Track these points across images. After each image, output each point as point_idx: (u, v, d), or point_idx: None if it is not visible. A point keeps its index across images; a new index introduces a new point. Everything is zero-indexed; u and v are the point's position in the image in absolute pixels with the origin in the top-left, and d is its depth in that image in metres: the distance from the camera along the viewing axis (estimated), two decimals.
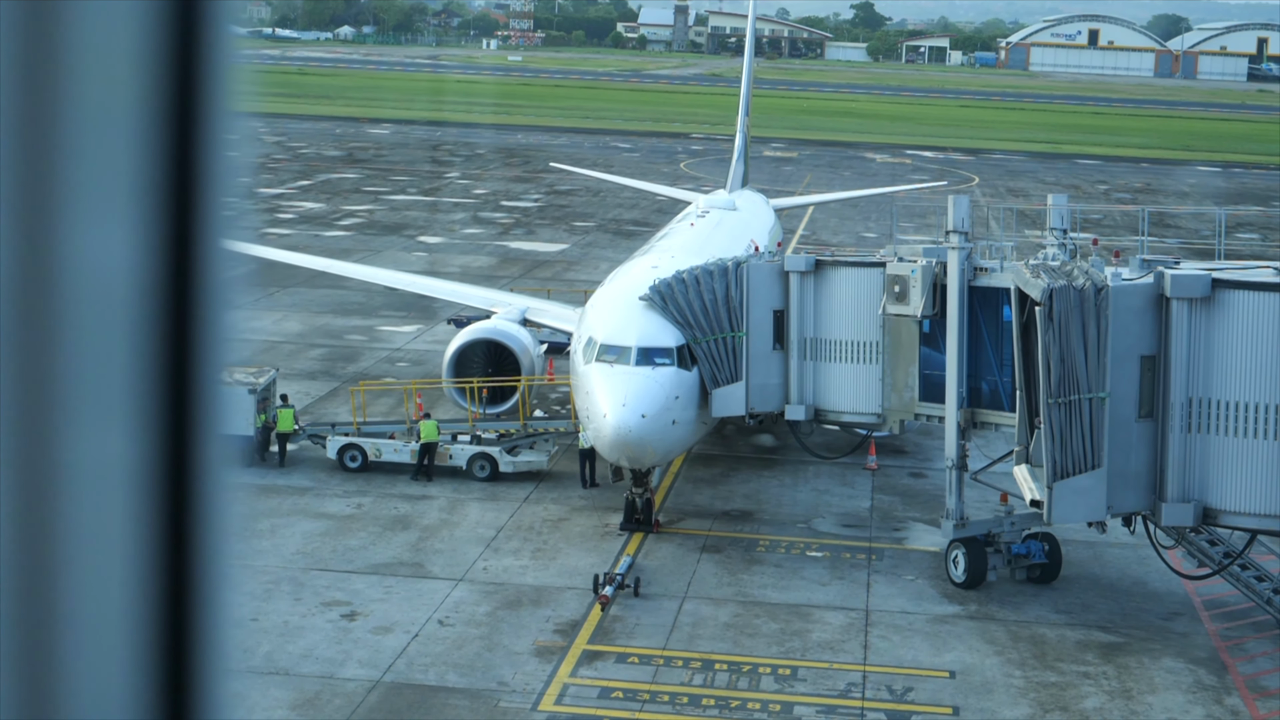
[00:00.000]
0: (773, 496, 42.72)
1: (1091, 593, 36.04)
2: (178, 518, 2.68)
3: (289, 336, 60.76)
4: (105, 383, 2.59)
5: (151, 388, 2.64)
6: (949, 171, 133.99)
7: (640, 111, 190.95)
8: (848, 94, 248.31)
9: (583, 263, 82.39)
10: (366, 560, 36.36)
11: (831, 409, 39.74)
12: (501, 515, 39.98)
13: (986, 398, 36.94)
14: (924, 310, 36.80)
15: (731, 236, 52.13)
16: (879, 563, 37.65)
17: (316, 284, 69.22)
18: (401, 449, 43.10)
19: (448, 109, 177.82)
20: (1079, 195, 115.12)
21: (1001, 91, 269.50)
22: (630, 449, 36.69)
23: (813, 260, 39.57)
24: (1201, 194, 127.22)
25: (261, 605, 33.17)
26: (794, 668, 31.15)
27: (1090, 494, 32.46)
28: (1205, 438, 32.30)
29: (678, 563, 37.04)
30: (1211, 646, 33.14)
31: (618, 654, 31.48)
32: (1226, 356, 32.03)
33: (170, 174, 2.62)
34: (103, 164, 2.56)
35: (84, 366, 2.56)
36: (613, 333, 38.36)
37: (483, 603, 33.94)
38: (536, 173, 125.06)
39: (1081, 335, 31.93)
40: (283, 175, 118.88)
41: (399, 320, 64.35)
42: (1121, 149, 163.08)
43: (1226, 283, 32.25)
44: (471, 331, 46.91)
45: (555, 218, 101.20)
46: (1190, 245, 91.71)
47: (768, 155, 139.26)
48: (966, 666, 31.51)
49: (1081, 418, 32.05)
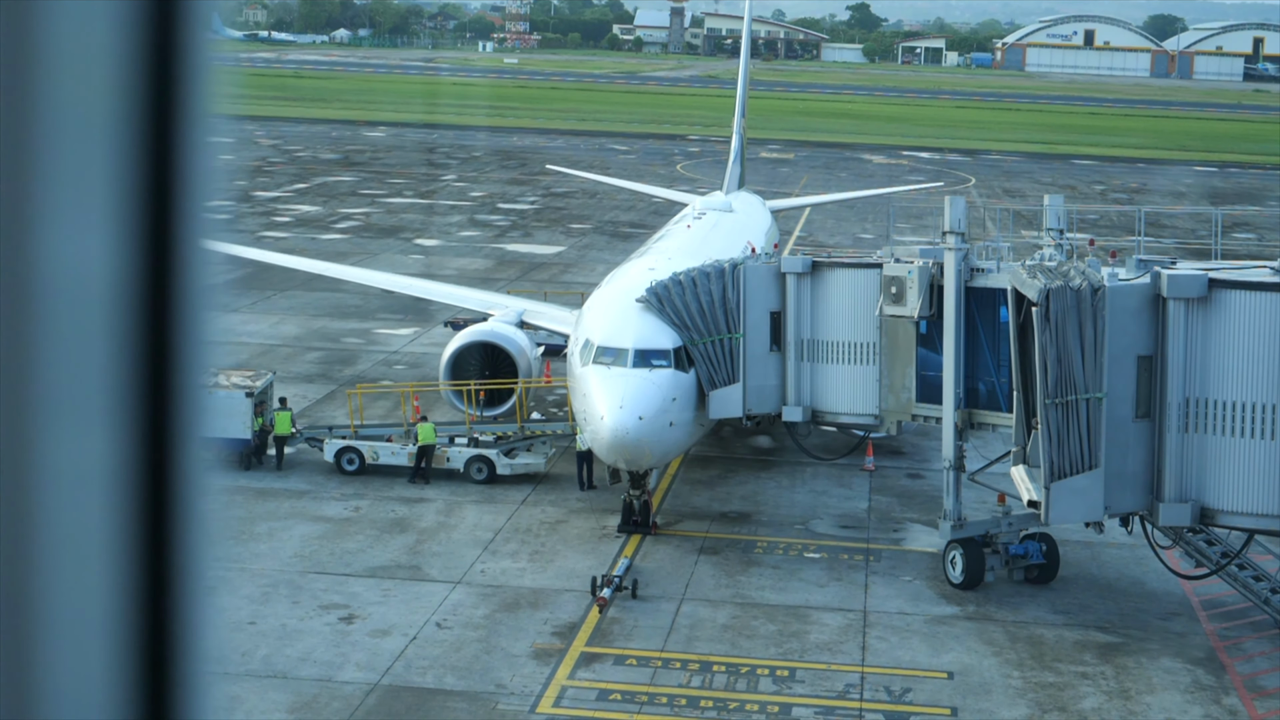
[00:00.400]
0: (770, 498, 42.71)
1: (1089, 593, 36.03)
2: (157, 520, 2.67)
3: (286, 339, 60.75)
4: (84, 385, 2.58)
5: (130, 390, 2.62)
6: (946, 172, 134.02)
7: (636, 113, 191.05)
8: (844, 95, 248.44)
9: (579, 265, 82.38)
10: (364, 563, 36.35)
11: (829, 410, 39.72)
12: (499, 518, 39.97)
13: (984, 398, 36.93)
14: (921, 311, 36.79)
15: (728, 238, 52.14)
16: (877, 564, 37.64)
17: (313, 287, 69.21)
18: (399, 452, 43.08)
19: (444, 112, 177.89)
20: (1075, 196, 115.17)
21: (998, 92, 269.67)
22: (628, 451, 36.69)
23: (809, 261, 39.55)
24: (1198, 194, 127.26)
25: (259, 608, 33.15)
26: (792, 669, 31.14)
27: (1087, 494, 32.46)
28: (1202, 438, 32.30)
29: (675, 564, 37.03)
30: (1209, 646, 33.14)
31: (616, 656, 31.47)
32: (1223, 356, 32.03)
33: (148, 176, 2.61)
34: (80, 166, 2.55)
35: (62, 369, 2.55)
36: (610, 335, 38.35)
37: (480, 605, 33.92)
38: (533, 175, 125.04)
39: (1078, 336, 31.93)
40: (279, 178, 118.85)
41: (396, 323, 64.34)
42: (1118, 149, 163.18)
43: (1223, 283, 32.25)
44: (468, 334, 46.90)
45: (552, 220, 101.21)
46: (1187, 245, 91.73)
47: (764, 156, 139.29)
48: (965, 667, 31.51)
49: (1079, 418, 32.05)
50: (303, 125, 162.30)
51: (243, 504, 40.33)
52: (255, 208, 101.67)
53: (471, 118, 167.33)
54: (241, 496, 40.92)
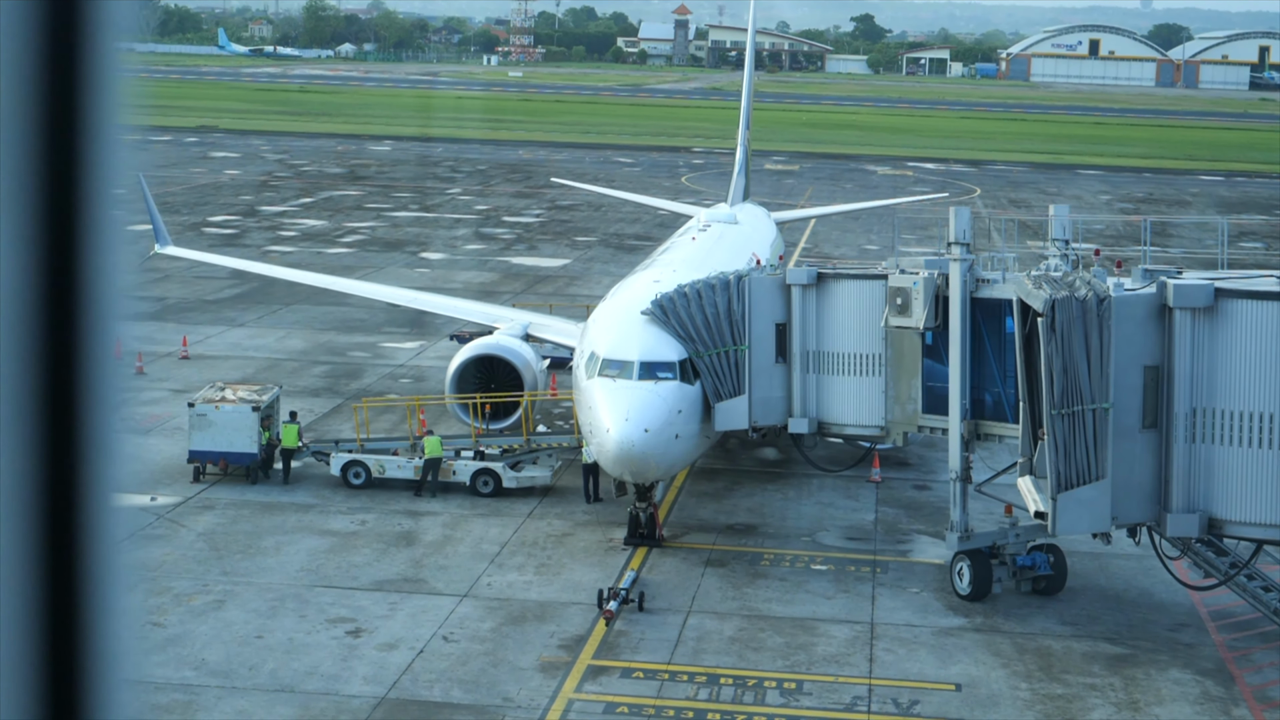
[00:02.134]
0: (777, 510, 42.66)
1: (1097, 604, 35.96)
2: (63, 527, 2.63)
3: (292, 353, 60.79)
4: None
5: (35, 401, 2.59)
6: (951, 183, 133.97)
7: (641, 126, 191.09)
8: (849, 106, 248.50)
9: (585, 277, 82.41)
10: (371, 577, 36.33)
11: (835, 422, 39.67)
12: (505, 531, 39.95)
13: (990, 409, 36.87)
14: (926, 322, 36.76)
15: (733, 250, 52.13)
16: (884, 575, 37.58)
17: (319, 301, 69.25)
18: (405, 465, 43.09)
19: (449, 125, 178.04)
20: (1081, 206, 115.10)
21: (1002, 102, 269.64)
22: (633, 464, 36.65)
23: (814, 273, 39.49)
24: (1204, 203, 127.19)
25: (266, 622, 33.14)
26: (799, 681, 31.08)
27: (1094, 505, 32.39)
28: (1209, 448, 32.23)
29: (682, 577, 36.99)
30: (1218, 657, 33.06)
31: (623, 669, 31.42)
32: (1230, 366, 31.97)
33: (53, 186, 2.58)
34: None
35: None
36: (615, 347, 38.33)
37: (487, 618, 33.89)
38: (538, 188, 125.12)
39: (1084, 346, 31.88)
40: (284, 193, 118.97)
41: (401, 337, 64.38)
42: (1123, 159, 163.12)
43: (1229, 292, 32.18)
44: (474, 347, 46.91)
45: (557, 233, 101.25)
46: (1193, 255, 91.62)
47: (769, 168, 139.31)
48: (972, 679, 31.44)
49: (1085, 429, 31.99)
50: (308, 140, 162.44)
51: (249, 518, 40.34)
52: (261, 222, 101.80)
53: (476, 131, 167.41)
54: (248, 510, 40.93)
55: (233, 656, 31.24)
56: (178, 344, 60.55)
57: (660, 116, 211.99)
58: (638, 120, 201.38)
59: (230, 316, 68.17)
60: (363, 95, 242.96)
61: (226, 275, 75.68)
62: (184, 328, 63.82)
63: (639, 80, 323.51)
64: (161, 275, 77.36)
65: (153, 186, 77.65)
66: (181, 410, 46.03)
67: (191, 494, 42.14)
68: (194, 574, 36.05)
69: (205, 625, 32.87)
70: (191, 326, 64.65)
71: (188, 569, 36.38)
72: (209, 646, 31.70)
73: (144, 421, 49.45)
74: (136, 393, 53.30)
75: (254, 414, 42.91)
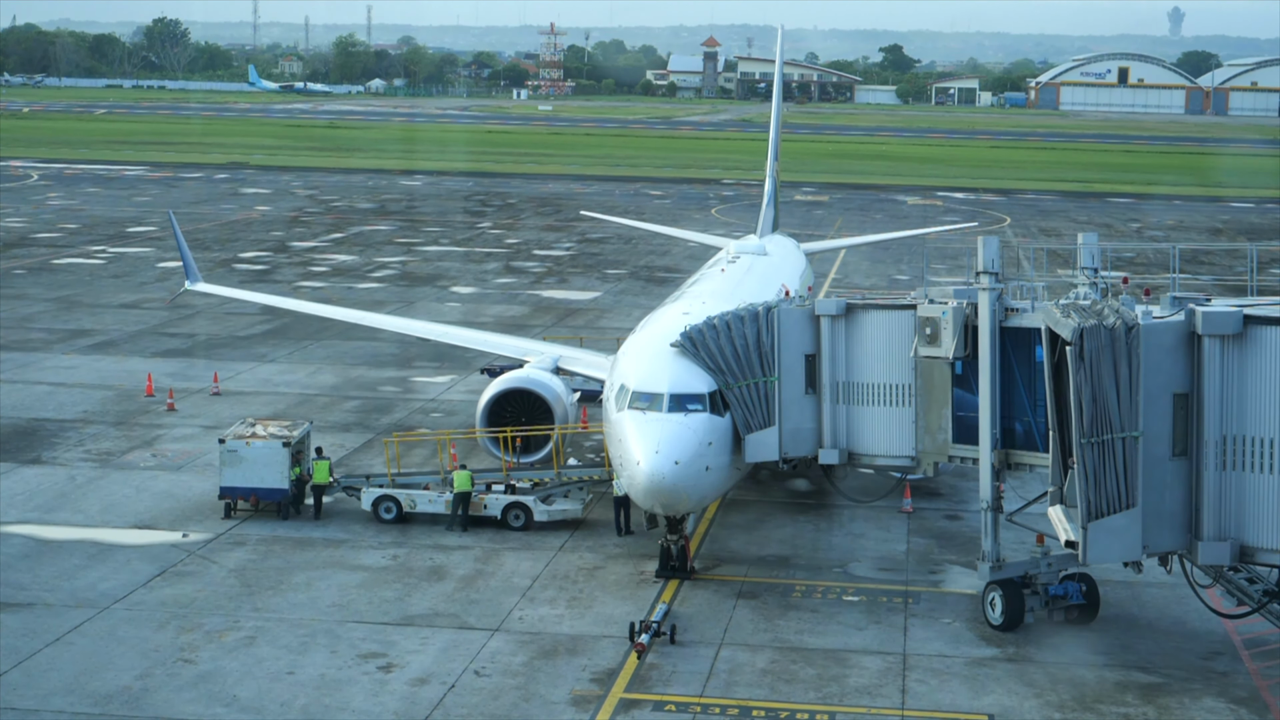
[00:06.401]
0: (808, 541, 42.62)
1: (1130, 633, 35.82)
2: None
3: (323, 389, 60.99)
4: None
5: None
6: (980, 212, 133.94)
7: (671, 158, 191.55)
8: (878, 137, 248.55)
9: (615, 310, 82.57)
10: (402, 611, 36.37)
11: (865, 452, 39.61)
12: (537, 564, 39.97)
13: (1020, 438, 36.79)
14: (956, 351, 36.73)
15: (762, 281, 52.16)
16: (916, 606, 37.50)
17: (350, 336, 69.52)
18: (436, 499, 43.16)
19: (480, 159, 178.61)
20: (1112, 233, 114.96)
21: (1032, 131, 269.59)
22: (664, 496, 36.64)
23: (843, 304, 39.47)
24: (1234, 230, 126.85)
25: (297, 658, 33.20)
26: (832, 713, 31.00)
27: (1125, 534, 32.24)
28: (1240, 475, 32.08)
29: (714, 609, 36.96)
30: (1252, 685, 32.89)
31: (655, 702, 31.39)
32: (1260, 393, 31.81)
33: None
34: None
35: None
36: (645, 380, 38.36)
37: (519, 652, 33.90)
38: (568, 221, 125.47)
39: (1113, 374, 31.78)
40: (315, 228, 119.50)
41: (432, 371, 64.56)
42: (1153, 186, 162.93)
43: (1259, 319, 32.05)
44: (504, 381, 47.02)
45: (587, 265, 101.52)
46: (1224, 281, 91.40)
47: (799, 199, 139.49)
48: (1005, 709, 31.33)
49: (1115, 457, 31.87)
50: (339, 175, 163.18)
51: (280, 554, 40.44)
52: (292, 258, 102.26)
53: (507, 165, 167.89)
54: (279, 546, 41.04)
55: (264, 693, 31.30)
56: (209, 380, 60.81)
57: (690, 149, 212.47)
58: (667, 153, 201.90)
59: (261, 352, 68.46)
60: (393, 130, 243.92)
61: (257, 311, 76.04)
62: (215, 364, 64.12)
63: (668, 113, 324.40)
64: (193, 312, 77.79)
65: (183, 223, 78.04)
66: (213, 446, 46.17)
67: (223, 530, 42.27)
68: (225, 610, 36.15)
69: (237, 661, 32.93)
70: (223, 363, 64.93)
71: (219, 605, 36.48)
72: (241, 683, 31.76)
73: (176, 458, 49.66)
74: (168, 429, 53.56)
75: (285, 450, 43.07)
